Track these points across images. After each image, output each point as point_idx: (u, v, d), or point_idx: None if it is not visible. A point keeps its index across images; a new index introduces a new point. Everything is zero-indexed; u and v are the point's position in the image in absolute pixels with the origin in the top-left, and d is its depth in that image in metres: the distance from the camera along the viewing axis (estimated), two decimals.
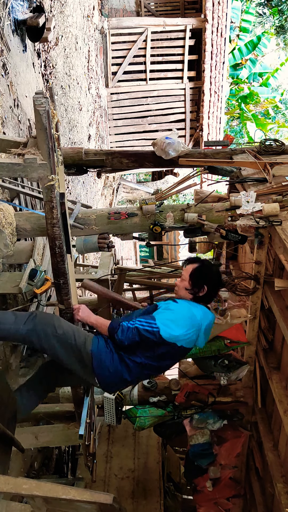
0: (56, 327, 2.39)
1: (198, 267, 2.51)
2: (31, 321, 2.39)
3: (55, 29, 5.41)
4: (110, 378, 2.44)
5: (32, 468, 3.98)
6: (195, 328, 2.38)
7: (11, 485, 1.58)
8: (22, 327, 2.36)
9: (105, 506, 1.64)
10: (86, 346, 2.38)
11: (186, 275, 2.50)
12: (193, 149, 3.48)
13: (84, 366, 2.41)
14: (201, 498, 3.79)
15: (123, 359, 2.40)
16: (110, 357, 2.39)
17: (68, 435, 3.26)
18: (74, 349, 2.38)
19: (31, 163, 1.95)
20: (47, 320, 2.42)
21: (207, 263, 2.60)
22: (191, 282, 2.47)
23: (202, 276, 2.48)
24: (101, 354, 2.38)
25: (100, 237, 3.06)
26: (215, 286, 2.54)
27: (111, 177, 10.56)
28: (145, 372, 2.47)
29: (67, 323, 2.46)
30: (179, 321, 2.36)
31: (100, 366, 2.39)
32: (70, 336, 2.39)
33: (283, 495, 2.84)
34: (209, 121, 9.72)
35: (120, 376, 2.42)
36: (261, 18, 13.25)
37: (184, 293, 2.50)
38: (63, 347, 2.37)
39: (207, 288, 2.47)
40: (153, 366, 2.44)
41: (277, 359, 3.11)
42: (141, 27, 9.23)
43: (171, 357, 2.49)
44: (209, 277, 2.50)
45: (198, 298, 2.48)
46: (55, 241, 2.21)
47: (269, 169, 3.05)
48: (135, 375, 2.45)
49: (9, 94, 3.75)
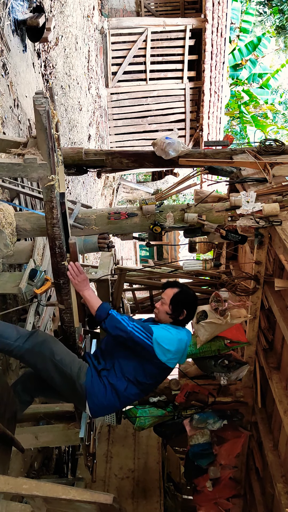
0: (54, 352, 2.42)
1: (178, 292, 2.60)
2: (31, 341, 2.42)
3: (55, 29, 5.41)
4: (103, 410, 2.53)
5: (32, 468, 3.98)
6: (181, 352, 2.51)
7: (11, 485, 1.58)
8: (21, 345, 2.39)
9: (105, 506, 1.64)
10: (80, 377, 2.42)
11: (167, 299, 2.58)
12: (193, 149, 3.48)
13: (76, 396, 2.47)
14: (201, 498, 3.79)
15: (114, 389, 2.45)
16: (103, 391, 2.44)
17: (68, 435, 3.26)
18: (68, 378, 2.42)
19: (31, 163, 1.95)
20: (46, 343, 2.45)
21: (185, 288, 2.69)
22: (171, 306, 2.56)
23: (182, 301, 2.57)
24: (94, 388, 2.43)
25: (100, 237, 3.06)
26: (193, 310, 2.66)
27: (111, 177, 10.56)
28: (132, 397, 2.53)
29: (65, 350, 2.50)
30: (173, 341, 2.44)
31: (93, 401, 2.44)
32: (67, 365, 2.42)
33: (283, 495, 2.84)
34: (209, 121, 9.72)
35: (112, 406, 2.50)
36: (261, 17, 13.25)
37: (165, 317, 2.58)
38: (58, 373, 2.41)
39: (186, 312, 2.57)
40: (142, 387, 2.50)
41: (277, 359, 3.11)
42: (141, 27, 9.23)
43: (156, 376, 2.55)
44: (188, 302, 2.60)
45: (177, 321, 2.57)
46: (55, 241, 2.22)
47: (269, 169, 3.05)
48: (124, 402, 2.54)
49: (9, 94, 3.74)
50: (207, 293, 3.82)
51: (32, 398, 2.82)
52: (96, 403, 2.44)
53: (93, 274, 3.69)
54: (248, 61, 12.74)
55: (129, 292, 4.42)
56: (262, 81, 13.33)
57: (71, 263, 2.39)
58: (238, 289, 3.01)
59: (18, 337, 2.41)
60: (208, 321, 3.01)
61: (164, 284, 2.75)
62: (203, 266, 4.24)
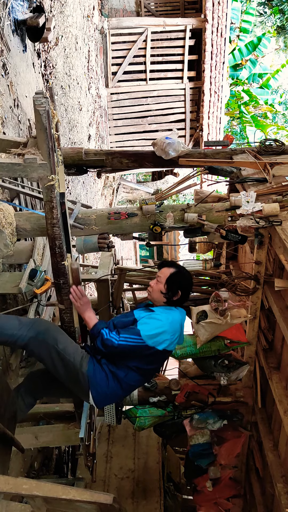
0: (58, 341, 2.42)
1: (175, 272, 2.56)
2: (34, 329, 2.42)
3: (55, 29, 5.41)
4: (107, 399, 2.51)
5: (32, 468, 3.98)
6: (178, 332, 2.48)
7: (11, 485, 1.58)
8: (25, 334, 2.39)
9: (105, 506, 1.64)
10: (83, 366, 2.41)
11: (163, 278, 2.55)
12: (193, 149, 3.48)
13: (80, 386, 2.45)
14: (201, 498, 3.79)
15: (115, 376, 2.44)
16: (105, 379, 2.43)
17: (68, 435, 3.26)
18: (71, 367, 2.41)
19: (31, 163, 1.95)
20: (50, 331, 2.45)
21: (182, 269, 2.65)
22: (166, 286, 2.52)
23: (178, 282, 2.54)
24: (96, 377, 2.42)
25: (100, 237, 3.06)
26: (188, 292, 2.62)
27: (111, 177, 10.56)
28: (134, 383, 2.52)
29: (68, 339, 2.50)
30: (165, 327, 2.42)
31: (97, 390, 2.43)
32: (70, 353, 2.42)
33: (283, 495, 2.84)
34: (209, 121, 9.72)
35: (115, 394, 2.49)
36: (262, 17, 13.26)
37: (158, 296, 2.55)
38: (61, 362, 2.41)
39: (181, 293, 2.53)
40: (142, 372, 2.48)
41: (277, 359, 3.11)
42: (141, 27, 9.22)
43: (157, 361, 2.55)
44: (184, 283, 2.56)
45: (171, 302, 2.54)
46: (55, 241, 2.21)
47: (269, 169, 3.05)
48: (127, 389, 2.52)
49: (9, 94, 3.74)
50: (207, 293, 3.82)
51: (35, 400, 2.82)
52: (99, 391, 2.42)
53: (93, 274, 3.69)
54: (248, 61, 12.74)
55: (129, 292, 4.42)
56: (262, 81, 13.32)
57: (73, 287, 2.42)
58: (238, 289, 3.01)
59: (20, 326, 2.40)
60: (208, 321, 3.01)
61: (161, 263, 2.72)
62: (203, 266, 4.25)
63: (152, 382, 3.55)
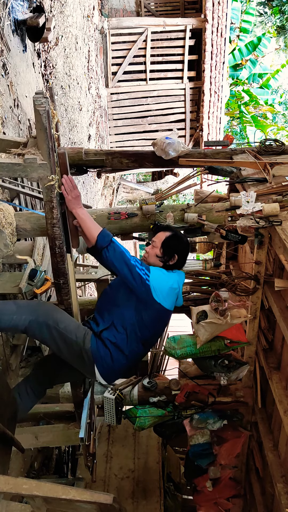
0: (58, 321, 2.37)
1: (170, 236, 2.53)
2: (33, 312, 2.37)
3: (55, 29, 5.41)
4: (114, 372, 2.47)
5: (32, 468, 3.98)
6: (176, 291, 2.46)
7: (11, 485, 1.58)
8: (24, 317, 2.33)
9: (105, 506, 1.64)
10: (85, 343, 2.37)
11: (158, 242, 2.51)
12: (193, 149, 3.48)
13: (85, 363, 2.41)
14: (201, 498, 3.79)
15: (118, 347, 2.39)
16: (109, 354, 2.39)
17: (68, 435, 3.26)
18: (74, 346, 2.37)
19: (31, 163, 1.95)
20: (49, 312, 2.41)
21: (178, 233, 2.61)
22: (162, 250, 2.49)
23: (173, 245, 2.50)
24: (100, 352, 2.38)
25: None
26: (184, 256, 2.58)
27: (111, 177, 10.56)
28: (137, 349, 2.47)
29: (68, 317, 2.45)
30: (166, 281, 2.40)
31: (102, 365, 2.39)
32: (72, 331, 2.37)
33: (283, 495, 2.84)
34: (209, 121, 9.72)
35: (122, 366, 2.45)
36: (262, 17, 13.27)
37: (154, 260, 2.51)
38: (64, 342, 2.36)
39: (177, 257, 2.50)
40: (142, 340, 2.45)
41: (277, 359, 3.11)
42: (141, 27, 9.23)
43: (155, 324, 2.49)
44: (180, 247, 2.53)
45: (167, 266, 2.51)
46: (55, 241, 2.22)
47: (269, 169, 3.05)
48: (132, 359, 2.48)
49: (9, 94, 3.74)
50: (207, 293, 3.82)
51: (45, 389, 2.78)
52: (105, 366, 2.39)
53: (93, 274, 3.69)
54: (248, 61, 12.74)
55: None
56: (262, 81, 13.32)
57: (64, 177, 2.15)
58: (238, 289, 3.01)
59: (18, 310, 2.36)
60: (208, 321, 3.01)
61: (156, 228, 2.69)
62: (203, 266, 4.24)
63: (152, 382, 3.55)
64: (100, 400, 3.32)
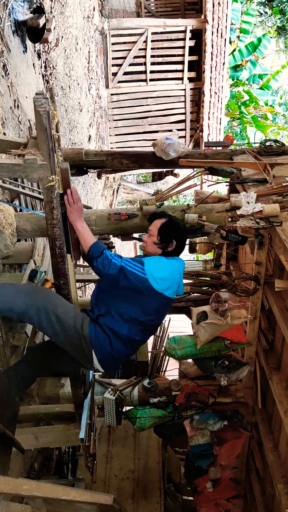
0: (57, 306, 2.34)
1: (166, 221, 2.52)
2: (32, 296, 2.35)
3: (55, 30, 5.41)
4: (113, 360, 2.44)
5: (32, 469, 3.98)
6: (177, 279, 2.44)
7: (11, 486, 1.58)
8: (22, 301, 2.31)
9: (105, 507, 1.64)
10: (84, 329, 2.34)
11: (155, 230, 2.50)
12: (193, 150, 3.48)
13: (82, 350, 2.38)
14: (201, 499, 3.79)
15: (116, 334, 2.36)
16: (107, 340, 2.36)
17: (68, 436, 3.26)
18: (72, 331, 2.34)
19: (31, 164, 1.95)
20: (48, 296, 2.39)
21: (173, 218, 2.60)
22: (159, 237, 2.48)
23: (170, 231, 2.49)
24: (99, 338, 2.35)
25: (100, 237, 3.06)
26: (182, 241, 2.56)
27: (111, 177, 10.56)
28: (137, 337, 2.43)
29: (67, 303, 2.42)
30: (165, 269, 2.38)
31: (101, 352, 2.36)
32: (70, 317, 2.35)
33: (283, 495, 2.84)
34: (209, 122, 9.73)
35: (121, 352, 2.42)
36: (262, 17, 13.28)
37: (153, 248, 2.49)
38: (62, 327, 2.33)
39: (176, 242, 2.49)
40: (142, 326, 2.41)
41: (277, 360, 3.11)
42: (141, 28, 9.23)
43: (156, 311, 2.46)
44: (177, 232, 2.52)
45: (167, 253, 2.49)
46: (56, 241, 2.22)
47: (270, 170, 3.05)
48: (132, 346, 2.46)
49: (9, 95, 3.75)
50: (207, 293, 3.82)
51: (34, 377, 2.72)
52: (104, 353, 2.36)
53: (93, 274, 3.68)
54: (248, 62, 12.74)
55: None
56: (263, 82, 13.32)
57: (68, 190, 2.25)
58: (239, 290, 3.01)
59: (17, 293, 2.33)
60: (209, 321, 3.01)
61: (151, 216, 2.67)
62: (203, 266, 4.24)
63: (152, 383, 3.55)
64: (100, 400, 3.32)
